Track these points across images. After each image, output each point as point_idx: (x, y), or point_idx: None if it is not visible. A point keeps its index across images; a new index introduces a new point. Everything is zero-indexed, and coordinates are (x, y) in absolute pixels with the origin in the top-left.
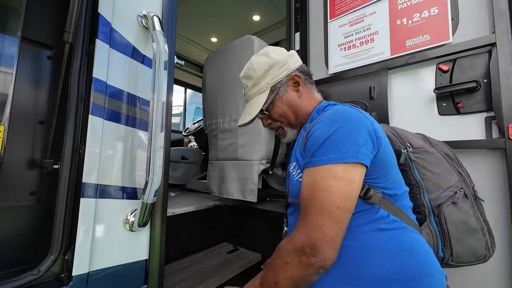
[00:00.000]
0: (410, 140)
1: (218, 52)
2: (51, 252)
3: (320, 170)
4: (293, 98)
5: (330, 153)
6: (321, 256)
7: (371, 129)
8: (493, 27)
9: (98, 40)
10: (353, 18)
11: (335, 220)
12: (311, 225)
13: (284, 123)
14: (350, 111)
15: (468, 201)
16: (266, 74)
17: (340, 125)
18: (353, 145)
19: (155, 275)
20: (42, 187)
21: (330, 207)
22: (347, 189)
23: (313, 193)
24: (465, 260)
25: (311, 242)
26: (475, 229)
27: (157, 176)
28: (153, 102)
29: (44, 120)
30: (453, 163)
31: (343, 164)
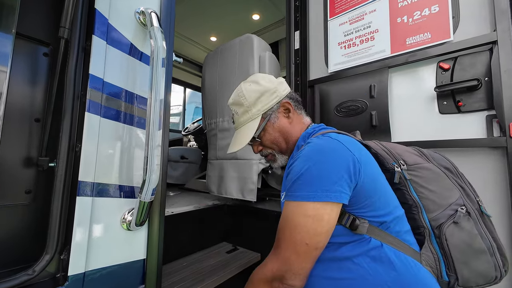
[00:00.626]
0: (404, 157)
1: (218, 51)
2: (47, 251)
3: (292, 206)
4: (284, 125)
5: (302, 190)
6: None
7: (350, 161)
8: (494, 25)
9: (94, 36)
10: (353, 16)
11: (302, 256)
12: (281, 258)
13: (275, 150)
14: (327, 146)
15: (471, 219)
16: (257, 101)
17: (313, 162)
18: (325, 184)
19: (153, 275)
20: (38, 186)
21: (298, 243)
22: (315, 227)
23: (285, 228)
24: (472, 283)
25: (280, 273)
26: (482, 250)
27: (155, 174)
28: (150, 100)
29: (40, 118)
30: (453, 177)
31: (313, 203)
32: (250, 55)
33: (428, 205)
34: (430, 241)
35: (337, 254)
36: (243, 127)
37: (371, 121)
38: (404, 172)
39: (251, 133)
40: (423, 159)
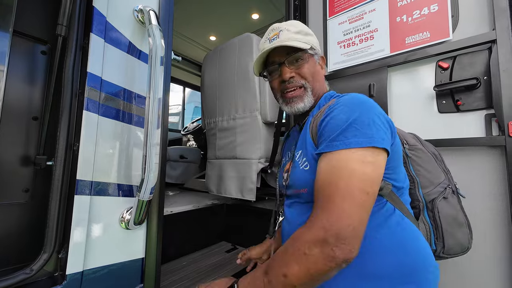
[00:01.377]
0: (406, 138)
1: (217, 51)
2: (44, 250)
3: (343, 154)
4: (321, 72)
5: (356, 137)
6: (347, 247)
7: (388, 118)
8: (493, 24)
9: (92, 34)
10: (353, 16)
11: (362, 206)
12: (337, 212)
13: (309, 83)
14: (369, 99)
15: (455, 196)
16: (311, 36)
17: (362, 110)
18: (378, 131)
19: (152, 274)
20: (36, 184)
21: (358, 192)
22: (375, 174)
23: (336, 179)
24: (452, 252)
25: (336, 231)
26: (462, 223)
27: (153, 173)
28: (149, 98)
29: (37, 116)
30: (439, 162)
31: (372, 148)
32: (250, 54)
33: (423, 182)
34: (423, 213)
35: None
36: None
37: None
38: (406, 150)
39: (304, 45)
40: (418, 142)
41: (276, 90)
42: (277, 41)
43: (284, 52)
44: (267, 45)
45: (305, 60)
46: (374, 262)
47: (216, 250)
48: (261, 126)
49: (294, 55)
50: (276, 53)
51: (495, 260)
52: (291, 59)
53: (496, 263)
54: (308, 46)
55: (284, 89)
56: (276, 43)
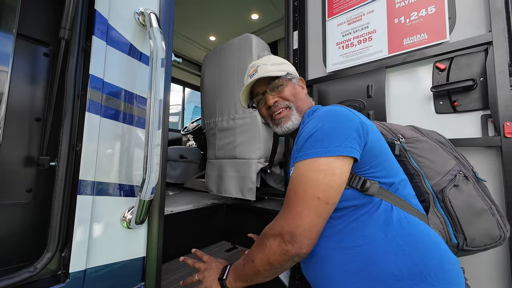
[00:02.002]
0: (402, 132)
1: (217, 51)
2: (48, 249)
3: (304, 164)
4: (302, 92)
5: (314, 147)
6: (297, 244)
7: (357, 122)
8: (489, 25)
9: (94, 37)
10: (351, 17)
11: (314, 210)
12: (291, 214)
13: (293, 103)
14: (337, 109)
15: (469, 182)
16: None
17: (325, 121)
18: (337, 139)
19: (153, 273)
20: (39, 185)
21: (310, 197)
22: (327, 181)
23: (297, 185)
24: (480, 243)
25: (290, 229)
26: (482, 209)
27: (154, 173)
28: (150, 100)
29: (40, 117)
30: (448, 149)
31: (326, 158)
32: (249, 55)
33: (429, 173)
34: (435, 206)
35: (349, 221)
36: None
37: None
38: (403, 144)
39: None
40: (418, 134)
41: (266, 116)
42: (256, 75)
43: (264, 82)
44: (249, 80)
45: (284, 84)
46: (384, 264)
47: (216, 250)
48: (261, 126)
49: (273, 83)
50: (258, 85)
51: (490, 261)
52: (271, 86)
53: (491, 264)
54: (284, 73)
55: (271, 113)
56: (256, 76)
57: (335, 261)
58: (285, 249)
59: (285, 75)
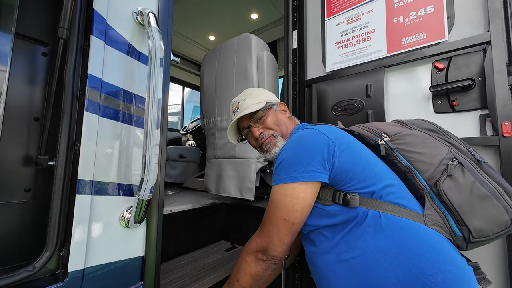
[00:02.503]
0: (385, 130)
1: (216, 50)
2: (46, 248)
3: (275, 188)
4: (284, 116)
5: (282, 174)
6: (270, 255)
7: (323, 145)
8: (488, 25)
9: (93, 37)
10: (350, 16)
11: (281, 230)
12: (263, 232)
13: (277, 131)
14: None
15: (465, 169)
16: (262, 94)
17: (291, 150)
18: (300, 167)
19: (152, 272)
20: (38, 184)
21: (277, 219)
22: (292, 204)
23: (269, 207)
24: (488, 232)
25: (262, 245)
26: (484, 195)
27: (153, 173)
28: (148, 99)
29: (39, 117)
30: (439, 136)
31: (290, 184)
32: (248, 54)
33: (420, 167)
34: (432, 200)
35: (342, 234)
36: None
37: (367, 120)
38: (388, 143)
39: (260, 105)
40: (404, 128)
41: (256, 147)
42: (238, 112)
43: (247, 117)
44: (233, 117)
45: (265, 115)
46: (381, 273)
47: (216, 249)
48: None
49: (255, 116)
50: (242, 120)
51: (490, 259)
52: (254, 119)
53: (491, 263)
54: (263, 105)
55: (259, 143)
56: (238, 114)
57: (337, 275)
58: (260, 259)
59: (264, 105)
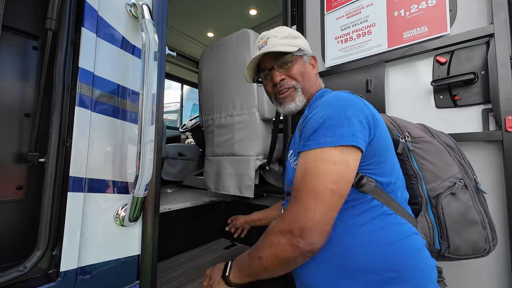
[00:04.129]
0: (409, 130)
1: (214, 47)
2: (38, 247)
3: (314, 153)
4: (311, 71)
5: (325, 136)
6: (309, 240)
7: (368, 113)
8: (491, 17)
9: (83, 29)
10: (350, 10)
11: (327, 203)
12: (302, 208)
13: (299, 83)
14: (348, 96)
15: (468, 192)
16: (298, 38)
17: (336, 109)
18: (350, 129)
19: (148, 271)
20: (30, 182)
21: (322, 190)
22: (341, 173)
23: (306, 176)
24: (462, 252)
25: (301, 225)
26: (475, 221)
27: (148, 169)
28: (142, 94)
29: (30, 113)
30: (454, 154)
31: (339, 147)
32: (247, 50)
33: (428, 177)
34: (426, 210)
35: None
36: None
37: None
38: (408, 143)
39: (292, 48)
40: (427, 134)
41: (270, 94)
42: (265, 48)
43: (272, 57)
44: (257, 53)
45: (293, 62)
46: (360, 256)
47: (215, 247)
48: (259, 123)
49: (282, 59)
50: (266, 59)
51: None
52: (280, 63)
53: (492, 258)
54: (295, 49)
55: (276, 91)
56: (264, 50)
57: None
58: (295, 245)
59: (296, 51)
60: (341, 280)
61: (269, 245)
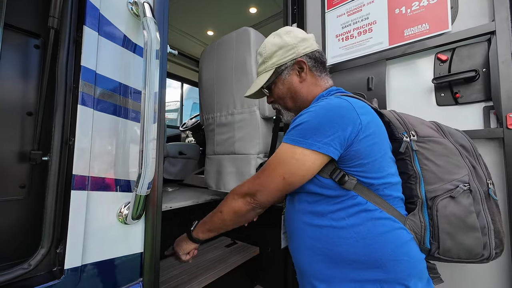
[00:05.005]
0: (417, 128)
1: (214, 45)
2: (42, 245)
3: (285, 146)
4: (294, 83)
5: (296, 136)
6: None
7: (350, 123)
8: (492, 15)
9: (85, 27)
10: (351, 8)
11: (275, 185)
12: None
13: (280, 105)
14: (335, 104)
15: (471, 197)
16: (273, 54)
17: (316, 115)
18: (318, 136)
19: (151, 268)
20: (33, 180)
21: (277, 175)
22: (295, 168)
23: (272, 160)
24: (453, 255)
25: (253, 191)
26: (474, 227)
27: (150, 168)
28: (144, 93)
29: (32, 112)
30: (468, 155)
31: (302, 148)
32: (247, 49)
33: (429, 178)
34: (421, 210)
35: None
36: (260, 77)
37: None
38: (412, 142)
39: (261, 83)
40: (439, 133)
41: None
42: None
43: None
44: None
45: (273, 87)
46: (345, 247)
47: (216, 245)
48: (260, 121)
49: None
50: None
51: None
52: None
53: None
54: (268, 76)
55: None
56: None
57: (306, 236)
58: (248, 201)
59: (272, 74)
60: (331, 268)
61: (229, 202)
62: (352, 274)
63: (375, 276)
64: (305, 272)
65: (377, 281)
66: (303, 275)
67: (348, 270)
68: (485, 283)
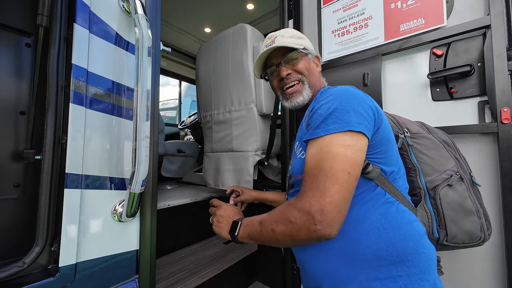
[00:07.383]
0: (408, 126)
1: (211, 42)
2: (36, 243)
3: (326, 139)
4: (316, 69)
5: (335, 123)
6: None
7: (372, 106)
8: (488, 9)
9: (76, 25)
10: (347, 3)
11: (344, 186)
12: (321, 190)
13: (306, 77)
14: (353, 90)
15: (463, 184)
16: (302, 39)
17: (343, 100)
18: (357, 117)
19: (147, 266)
20: (27, 179)
21: (339, 172)
22: (356, 156)
23: (321, 162)
24: (459, 240)
25: (319, 206)
26: (471, 211)
27: (144, 165)
28: (137, 90)
29: (25, 111)
30: (450, 150)
31: (350, 132)
32: (244, 45)
33: (427, 170)
34: (425, 201)
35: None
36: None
37: None
38: (407, 138)
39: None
40: (424, 130)
41: (276, 89)
42: (273, 45)
43: (280, 54)
44: (264, 49)
45: (299, 58)
46: (367, 243)
47: (214, 242)
48: (257, 118)
49: (288, 55)
50: (273, 56)
51: (486, 245)
52: (286, 59)
53: (487, 249)
54: (301, 47)
55: (283, 86)
56: (272, 46)
57: None
58: (313, 229)
59: (302, 49)
60: (351, 267)
61: (285, 222)
62: (374, 272)
63: (398, 272)
64: (315, 274)
65: (399, 277)
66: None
67: (369, 268)
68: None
